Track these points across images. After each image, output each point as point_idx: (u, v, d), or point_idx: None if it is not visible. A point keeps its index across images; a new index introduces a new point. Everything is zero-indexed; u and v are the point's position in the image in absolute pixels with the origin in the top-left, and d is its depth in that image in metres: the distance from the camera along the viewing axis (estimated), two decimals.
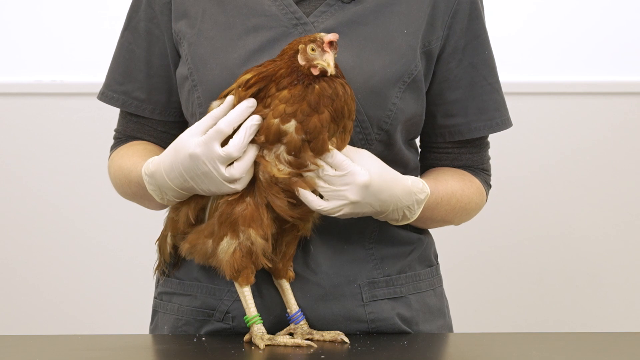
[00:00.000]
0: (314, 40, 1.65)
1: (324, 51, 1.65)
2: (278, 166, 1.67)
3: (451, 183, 1.85)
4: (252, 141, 1.67)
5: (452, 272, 2.49)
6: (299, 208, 1.71)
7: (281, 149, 1.67)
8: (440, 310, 1.91)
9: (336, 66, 1.67)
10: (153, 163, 1.75)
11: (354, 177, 1.69)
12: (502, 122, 1.88)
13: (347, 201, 1.69)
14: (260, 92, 1.67)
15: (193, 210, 1.75)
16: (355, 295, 1.82)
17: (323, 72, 1.65)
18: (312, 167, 1.67)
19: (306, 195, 1.69)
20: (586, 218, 3.00)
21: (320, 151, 1.67)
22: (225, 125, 1.66)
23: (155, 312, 1.92)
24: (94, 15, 2.97)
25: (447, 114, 1.86)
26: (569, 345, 1.79)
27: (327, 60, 1.64)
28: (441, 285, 1.93)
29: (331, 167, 1.68)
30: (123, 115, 1.94)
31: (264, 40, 1.78)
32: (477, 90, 1.85)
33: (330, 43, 1.64)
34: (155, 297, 1.92)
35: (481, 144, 1.91)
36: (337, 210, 1.70)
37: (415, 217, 1.78)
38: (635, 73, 2.97)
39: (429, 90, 1.85)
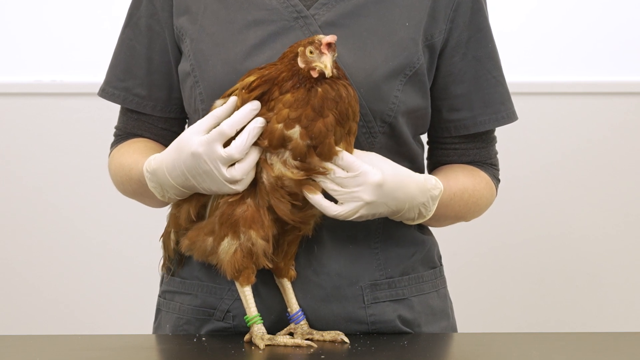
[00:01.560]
0: (312, 43, 1.65)
1: (321, 53, 1.64)
2: (291, 169, 1.66)
3: (462, 179, 1.84)
4: (255, 144, 1.67)
5: (456, 273, 2.49)
6: (302, 212, 1.70)
7: (287, 155, 1.66)
8: (444, 312, 1.90)
9: (338, 67, 1.67)
10: (155, 160, 1.75)
11: (366, 177, 1.68)
12: (508, 115, 1.88)
13: (362, 202, 1.68)
14: (264, 95, 1.67)
15: (194, 207, 1.74)
16: (357, 297, 1.82)
17: (322, 74, 1.65)
18: (321, 170, 1.66)
19: (320, 202, 1.68)
20: (586, 218, 3.00)
21: (327, 156, 1.66)
22: (228, 127, 1.66)
23: (158, 311, 1.92)
24: (94, 15, 2.97)
25: (452, 108, 1.85)
26: (569, 345, 1.79)
27: (325, 62, 1.63)
28: (445, 287, 1.93)
29: (342, 169, 1.67)
30: (123, 112, 1.93)
31: (265, 34, 1.78)
32: (481, 84, 1.85)
33: (329, 45, 1.64)
34: (159, 296, 1.92)
35: (488, 139, 1.90)
36: (353, 213, 1.69)
37: (431, 214, 1.77)
38: (635, 73, 2.97)
39: (434, 84, 1.84)
